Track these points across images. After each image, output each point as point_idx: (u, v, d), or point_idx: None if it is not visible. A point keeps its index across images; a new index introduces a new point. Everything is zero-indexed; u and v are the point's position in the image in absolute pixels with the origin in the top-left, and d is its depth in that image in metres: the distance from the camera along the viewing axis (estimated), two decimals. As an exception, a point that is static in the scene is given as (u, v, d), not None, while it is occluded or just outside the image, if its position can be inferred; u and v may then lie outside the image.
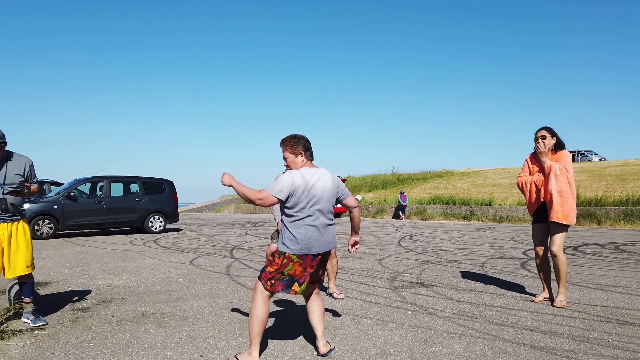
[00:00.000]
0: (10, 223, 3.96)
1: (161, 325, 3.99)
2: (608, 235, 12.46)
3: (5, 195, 3.90)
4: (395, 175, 34.03)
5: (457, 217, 20.81)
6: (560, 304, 4.48)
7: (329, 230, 3.21)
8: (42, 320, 4.02)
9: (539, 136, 4.61)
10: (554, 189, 4.43)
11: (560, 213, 4.42)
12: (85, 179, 12.83)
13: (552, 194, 4.44)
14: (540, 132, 4.62)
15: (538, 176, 4.63)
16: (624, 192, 18.62)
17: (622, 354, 3.20)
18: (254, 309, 3.07)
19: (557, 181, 4.43)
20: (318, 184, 3.13)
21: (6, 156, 3.96)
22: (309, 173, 3.15)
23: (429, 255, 8.48)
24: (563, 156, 4.54)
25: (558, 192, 4.43)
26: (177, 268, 7.02)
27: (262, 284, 3.11)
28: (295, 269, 3.10)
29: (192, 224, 17.51)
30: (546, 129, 4.62)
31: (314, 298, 3.34)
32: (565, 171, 4.44)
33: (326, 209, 3.18)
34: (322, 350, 3.21)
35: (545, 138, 4.57)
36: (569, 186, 4.45)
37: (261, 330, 3.06)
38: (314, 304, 3.32)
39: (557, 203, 4.43)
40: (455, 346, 3.39)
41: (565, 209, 4.42)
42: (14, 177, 3.95)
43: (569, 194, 4.44)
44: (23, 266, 3.99)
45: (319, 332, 3.26)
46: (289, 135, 3.28)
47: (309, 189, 3.08)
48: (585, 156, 40.45)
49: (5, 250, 3.93)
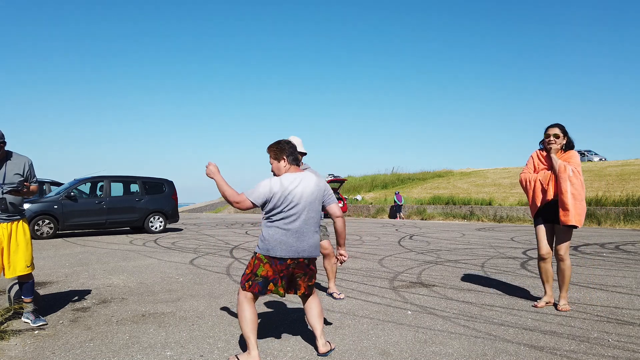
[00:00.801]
0: (10, 223, 3.96)
1: (161, 325, 3.99)
2: (608, 235, 12.46)
3: (5, 195, 3.90)
4: (395, 175, 34.03)
5: (457, 217, 20.81)
6: (565, 308, 4.35)
7: (306, 237, 3.14)
8: (42, 320, 4.02)
9: (552, 134, 4.37)
10: (569, 190, 4.23)
11: (575, 216, 4.22)
12: (85, 179, 12.83)
13: (566, 196, 4.23)
14: (552, 129, 4.40)
15: (544, 174, 4.41)
16: (624, 192, 18.62)
17: (622, 354, 3.20)
18: (239, 311, 3.12)
19: (572, 183, 4.24)
20: (297, 190, 3.13)
21: (5, 156, 3.97)
22: (289, 179, 3.15)
23: (429, 255, 8.48)
24: (573, 157, 4.35)
25: (572, 194, 4.23)
26: (177, 268, 7.02)
27: (241, 286, 3.16)
28: (267, 270, 3.09)
29: (192, 224, 17.51)
30: (559, 127, 4.40)
31: (310, 300, 3.33)
32: (577, 173, 4.26)
33: (305, 214, 3.13)
34: (322, 350, 3.21)
35: (559, 137, 4.37)
36: (582, 189, 4.28)
37: (253, 329, 3.06)
38: (310, 303, 3.32)
39: (572, 206, 4.22)
40: (455, 346, 3.39)
41: (579, 212, 4.24)
42: (14, 176, 3.95)
43: (582, 196, 4.27)
44: (23, 266, 3.99)
45: (317, 331, 3.26)
46: (273, 142, 3.30)
47: (287, 194, 3.09)
48: (585, 156, 40.45)
49: (5, 250, 3.93)
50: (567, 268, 4.37)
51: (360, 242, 10.95)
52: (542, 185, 4.40)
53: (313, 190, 3.18)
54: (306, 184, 3.17)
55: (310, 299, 3.33)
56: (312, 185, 3.19)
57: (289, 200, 3.09)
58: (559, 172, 4.27)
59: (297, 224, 3.11)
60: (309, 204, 3.15)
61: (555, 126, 4.43)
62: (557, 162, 4.31)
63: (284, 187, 3.10)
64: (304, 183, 3.17)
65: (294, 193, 3.11)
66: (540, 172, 4.47)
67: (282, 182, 3.13)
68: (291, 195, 3.10)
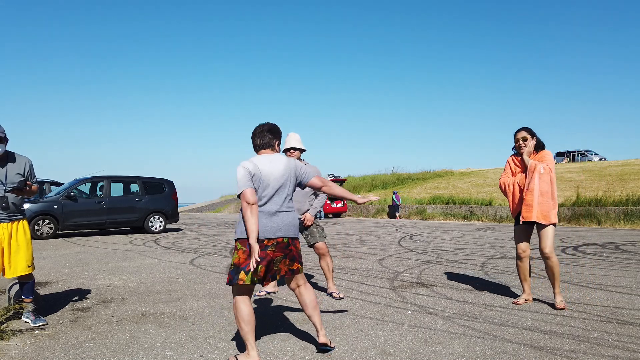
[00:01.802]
0: (11, 223, 3.97)
1: (161, 325, 3.99)
2: (608, 235, 12.46)
3: (7, 194, 3.92)
4: (395, 175, 34.02)
5: (457, 217, 20.80)
6: (562, 305, 4.39)
7: (278, 217, 3.14)
8: (42, 320, 4.02)
9: (520, 137, 4.58)
10: (536, 187, 4.39)
11: (539, 212, 4.38)
12: (85, 179, 12.84)
13: (532, 193, 4.41)
14: (520, 133, 4.60)
15: (521, 177, 4.57)
16: (624, 192, 18.61)
17: (622, 354, 3.20)
18: (235, 310, 3.10)
19: (541, 180, 4.40)
20: (266, 169, 3.15)
21: (7, 156, 3.99)
22: (261, 160, 3.19)
23: (429, 255, 8.48)
24: (545, 156, 4.53)
25: (540, 191, 4.39)
26: (177, 268, 7.02)
27: None
28: (240, 257, 3.08)
29: (192, 224, 17.52)
30: (526, 130, 4.60)
31: (302, 291, 3.30)
32: (549, 170, 4.42)
33: (276, 194, 3.15)
34: (321, 340, 3.22)
35: (527, 140, 4.56)
36: (551, 186, 4.41)
37: (250, 329, 3.04)
38: (303, 296, 3.29)
39: (536, 202, 4.40)
40: (455, 346, 3.39)
41: (543, 208, 4.38)
42: (15, 176, 3.98)
43: (549, 194, 4.41)
44: (24, 266, 3.99)
45: (316, 322, 3.25)
46: None
47: (260, 175, 3.12)
48: (585, 156, 40.43)
49: (6, 250, 3.94)
50: (554, 265, 4.43)
51: (360, 242, 10.95)
52: (520, 187, 4.57)
53: (283, 171, 3.20)
54: (276, 164, 3.20)
55: (302, 293, 3.29)
56: (282, 166, 3.21)
57: (262, 180, 3.12)
58: (529, 170, 4.47)
59: (270, 206, 3.12)
60: (281, 183, 3.17)
61: (522, 130, 4.63)
62: (529, 162, 4.51)
63: (256, 167, 3.14)
64: (274, 163, 3.20)
65: (265, 172, 3.14)
66: (517, 174, 4.64)
67: (254, 162, 3.17)
68: (263, 175, 3.13)
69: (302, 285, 3.31)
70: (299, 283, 3.31)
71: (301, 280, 3.31)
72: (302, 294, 3.30)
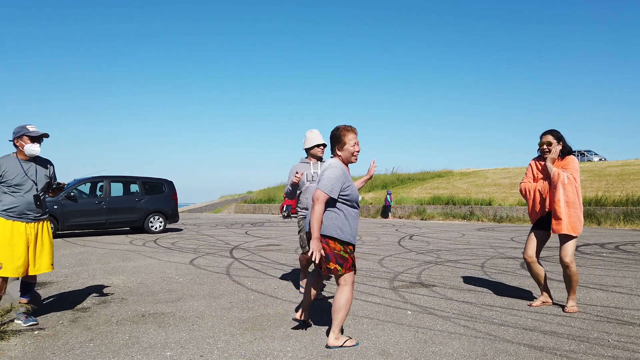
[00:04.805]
0: (37, 223, 4.09)
1: (161, 325, 3.99)
2: (608, 235, 12.46)
3: (40, 193, 4.09)
4: (395, 175, 34.00)
5: (457, 217, 20.80)
6: (572, 309, 4.33)
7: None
8: (33, 319, 4.04)
9: (545, 142, 4.37)
10: (562, 199, 4.22)
11: (568, 224, 4.22)
12: (85, 179, 12.83)
13: (559, 204, 4.23)
14: (546, 137, 4.37)
15: (543, 184, 4.40)
16: (624, 192, 18.61)
17: (622, 354, 3.20)
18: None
19: (565, 191, 4.22)
20: None
21: (35, 158, 4.14)
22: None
23: (429, 255, 8.48)
24: (570, 163, 4.31)
25: (566, 202, 4.22)
26: (177, 268, 7.02)
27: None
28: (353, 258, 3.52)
29: (192, 224, 17.51)
30: (552, 134, 4.37)
31: (337, 289, 3.45)
32: (573, 180, 4.23)
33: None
34: (328, 342, 3.38)
35: (552, 145, 4.34)
36: (577, 196, 4.25)
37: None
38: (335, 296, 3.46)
39: (564, 214, 4.22)
40: (455, 346, 3.39)
41: (572, 220, 4.23)
42: (43, 177, 4.15)
43: (576, 204, 4.24)
44: (48, 264, 4.13)
45: (332, 324, 3.41)
46: None
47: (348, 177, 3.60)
48: (585, 156, 40.45)
49: (31, 249, 4.03)
50: (572, 274, 4.31)
51: (360, 242, 10.95)
52: (542, 195, 4.42)
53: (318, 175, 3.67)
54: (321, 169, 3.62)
55: (336, 291, 3.44)
56: (320, 170, 3.65)
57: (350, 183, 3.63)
58: (553, 181, 4.29)
59: None
60: None
61: (548, 133, 4.41)
62: (552, 170, 4.31)
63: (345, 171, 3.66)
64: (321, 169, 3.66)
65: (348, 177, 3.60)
66: (539, 181, 4.48)
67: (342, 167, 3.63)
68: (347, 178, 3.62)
69: (338, 284, 3.45)
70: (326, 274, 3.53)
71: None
72: (335, 295, 3.48)
